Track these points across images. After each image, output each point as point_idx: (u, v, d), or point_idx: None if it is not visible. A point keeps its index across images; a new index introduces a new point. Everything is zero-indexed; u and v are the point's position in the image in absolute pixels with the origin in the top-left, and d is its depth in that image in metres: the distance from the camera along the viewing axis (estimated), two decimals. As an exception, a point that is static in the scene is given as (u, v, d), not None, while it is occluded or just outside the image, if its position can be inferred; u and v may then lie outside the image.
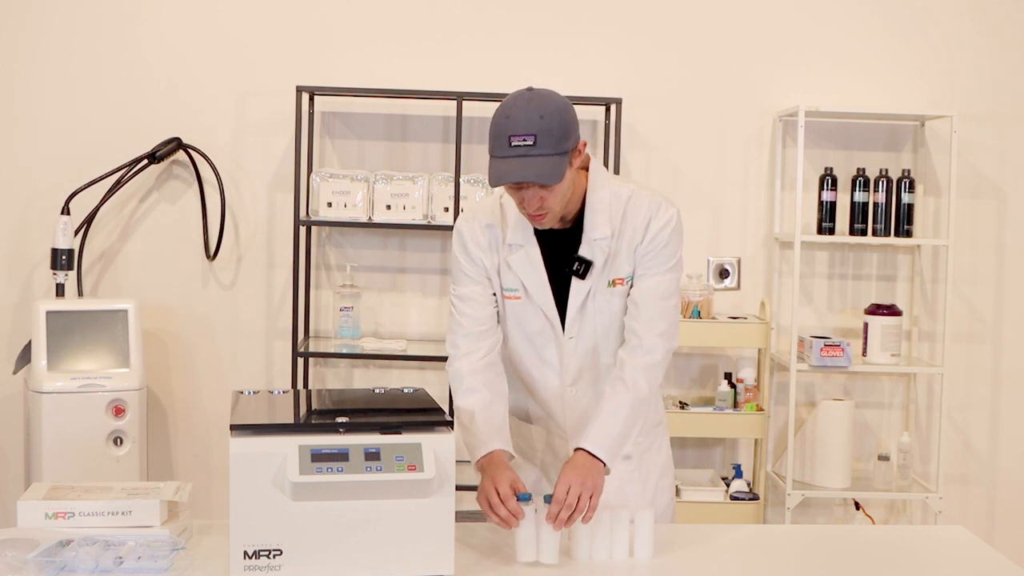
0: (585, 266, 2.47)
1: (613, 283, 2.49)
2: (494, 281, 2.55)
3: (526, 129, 2.28)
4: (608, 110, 4.17)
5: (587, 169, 2.50)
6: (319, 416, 2.30)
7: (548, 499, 2.28)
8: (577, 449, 2.37)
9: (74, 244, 4.08)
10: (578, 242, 2.48)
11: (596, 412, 2.43)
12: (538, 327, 2.53)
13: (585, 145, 2.40)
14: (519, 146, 2.28)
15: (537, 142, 2.28)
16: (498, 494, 2.27)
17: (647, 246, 2.47)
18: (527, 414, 2.66)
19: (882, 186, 4.23)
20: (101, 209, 4.19)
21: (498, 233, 2.53)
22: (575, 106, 2.42)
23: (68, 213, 4.06)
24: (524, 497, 2.27)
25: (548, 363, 2.55)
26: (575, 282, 2.49)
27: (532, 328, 2.54)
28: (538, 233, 2.49)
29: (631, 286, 2.49)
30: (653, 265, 2.48)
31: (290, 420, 2.24)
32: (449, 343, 2.57)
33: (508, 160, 2.30)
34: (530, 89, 2.36)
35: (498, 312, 2.57)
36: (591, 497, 2.28)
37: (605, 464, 2.36)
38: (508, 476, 2.30)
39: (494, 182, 2.32)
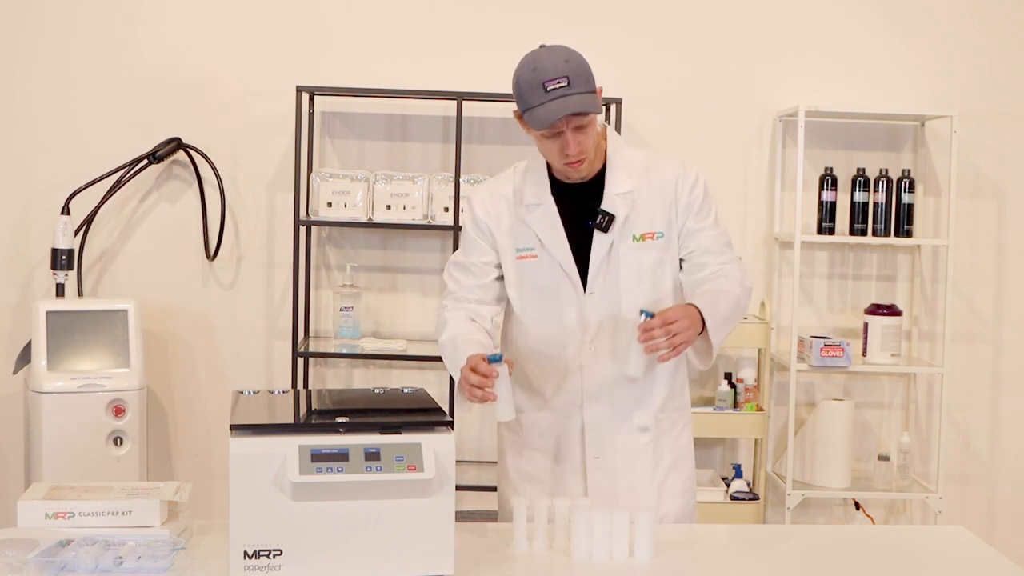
0: (608, 219, 2.53)
1: (642, 237, 2.56)
2: (503, 247, 2.60)
3: (557, 72, 2.40)
4: (608, 110, 4.17)
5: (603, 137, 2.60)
6: (319, 416, 2.30)
7: (646, 315, 2.34)
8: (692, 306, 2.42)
9: (74, 244, 4.08)
10: (595, 199, 2.55)
11: (712, 288, 2.49)
12: (556, 284, 2.57)
13: (602, 91, 2.50)
14: (555, 88, 2.40)
15: (571, 82, 2.39)
16: (471, 369, 2.36)
17: (686, 205, 2.57)
18: (537, 394, 2.65)
19: (882, 186, 4.23)
20: (101, 209, 4.19)
21: (510, 198, 2.61)
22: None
23: (68, 213, 4.06)
24: (495, 358, 2.35)
25: (567, 321, 2.58)
26: (597, 236, 2.55)
27: (549, 286, 2.57)
28: (554, 192, 2.57)
29: (680, 244, 2.57)
30: (699, 221, 2.58)
31: (290, 420, 2.24)
32: (440, 306, 2.67)
33: (549, 103, 2.40)
34: (542, 46, 2.48)
35: (500, 285, 2.63)
36: (682, 343, 2.35)
37: (706, 331, 2.42)
38: (478, 359, 2.36)
39: (541, 124, 2.41)
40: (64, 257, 4.03)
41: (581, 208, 2.57)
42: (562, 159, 2.49)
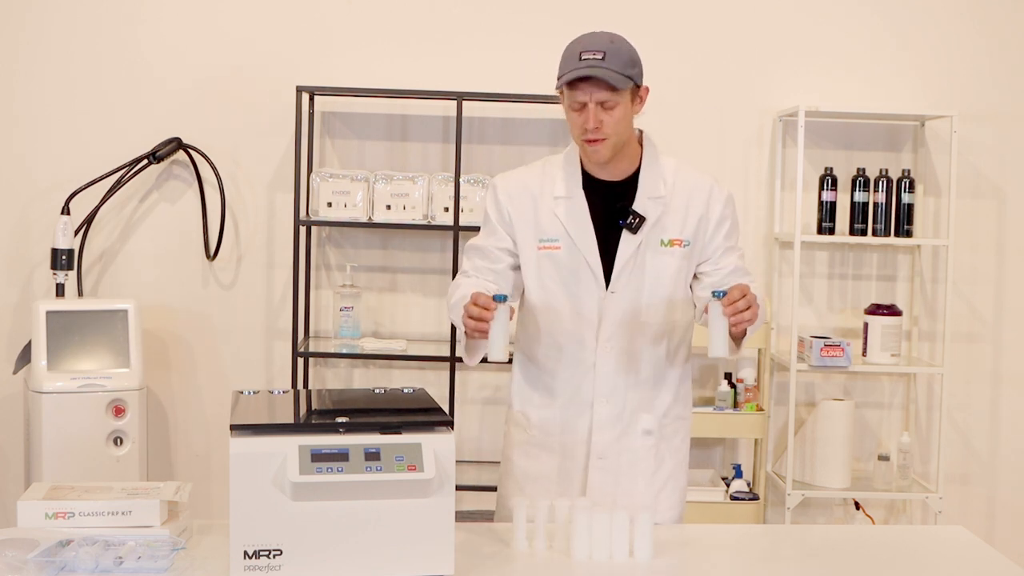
0: (639, 221, 2.55)
1: (670, 243, 2.58)
2: (523, 236, 2.60)
3: (597, 47, 2.46)
4: (608, 110, 4.17)
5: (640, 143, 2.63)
6: (319, 416, 2.30)
7: (719, 294, 2.39)
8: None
9: (74, 244, 4.08)
10: (626, 199, 2.56)
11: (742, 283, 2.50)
12: (577, 278, 2.57)
13: (648, 92, 2.54)
14: (589, 59, 2.44)
15: (606, 57, 2.44)
16: (474, 303, 2.36)
17: (718, 221, 2.61)
18: (546, 392, 2.65)
19: (882, 186, 4.23)
20: (101, 209, 4.19)
21: (535, 189, 2.61)
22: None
23: (68, 213, 4.06)
24: (500, 297, 2.36)
25: (585, 316, 2.58)
26: (625, 236, 2.56)
27: (571, 280, 2.58)
28: (586, 187, 2.58)
29: (702, 259, 2.60)
30: (727, 240, 2.63)
31: (290, 420, 2.24)
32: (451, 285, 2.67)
33: (577, 69, 2.43)
34: (602, 31, 2.53)
35: (516, 275, 2.63)
36: (754, 315, 2.43)
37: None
38: (479, 294, 2.37)
39: (561, 82, 2.45)
40: (64, 257, 4.02)
41: (609, 207, 2.57)
42: (581, 134, 2.50)
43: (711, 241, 2.62)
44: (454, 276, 3.97)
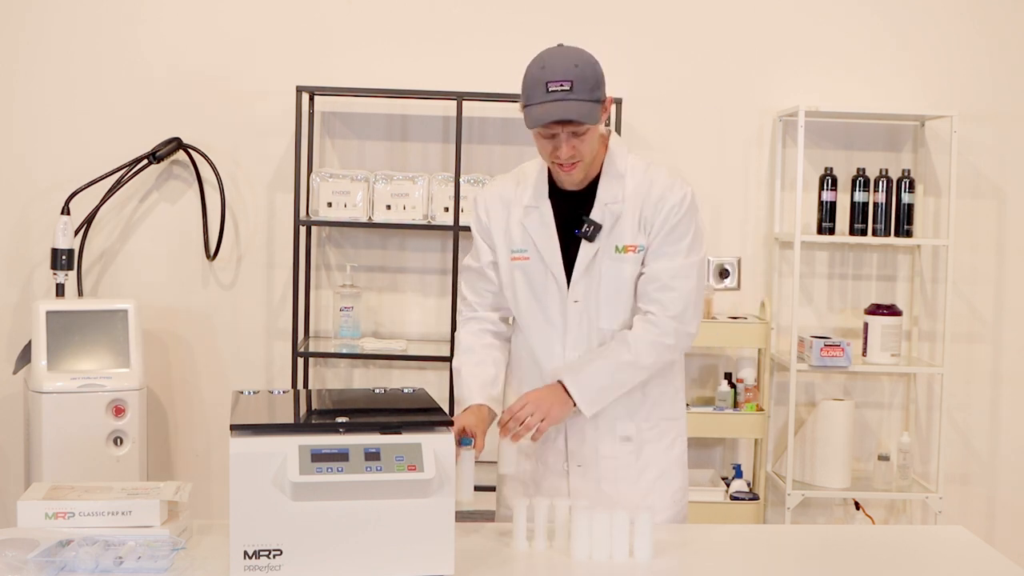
0: (594, 228, 2.54)
1: (624, 249, 2.55)
2: (500, 245, 2.62)
3: (563, 76, 2.39)
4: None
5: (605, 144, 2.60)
6: (319, 416, 2.30)
7: (466, 442, 2.41)
8: (559, 383, 2.50)
9: (74, 244, 4.08)
10: (587, 207, 2.55)
11: (591, 357, 2.53)
12: (546, 288, 2.58)
13: (611, 102, 2.51)
14: (556, 91, 2.39)
15: (574, 87, 2.39)
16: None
17: (660, 225, 2.54)
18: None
19: (882, 186, 4.23)
20: (101, 209, 4.19)
21: (509, 199, 2.62)
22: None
23: (68, 213, 4.06)
24: (466, 442, 2.40)
25: (553, 326, 2.59)
26: (583, 244, 2.55)
27: (540, 289, 2.59)
28: (552, 196, 2.58)
29: (643, 261, 2.56)
30: (664, 246, 2.55)
31: (290, 420, 2.24)
32: (459, 311, 2.74)
33: (546, 104, 2.39)
34: (560, 45, 2.48)
35: (502, 284, 2.64)
36: (542, 420, 2.44)
37: (578, 407, 2.50)
38: (465, 419, 2.45)
39: (532, 123, 2.42)
40: (64, 257, 4.02)
41: (576, 214, 2.57)
42: (553, 159, 2.49)
43: (651, 241, 2.55)
44: (454, 276, 4.01)
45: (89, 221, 4.17)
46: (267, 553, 2.05)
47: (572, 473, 2.61)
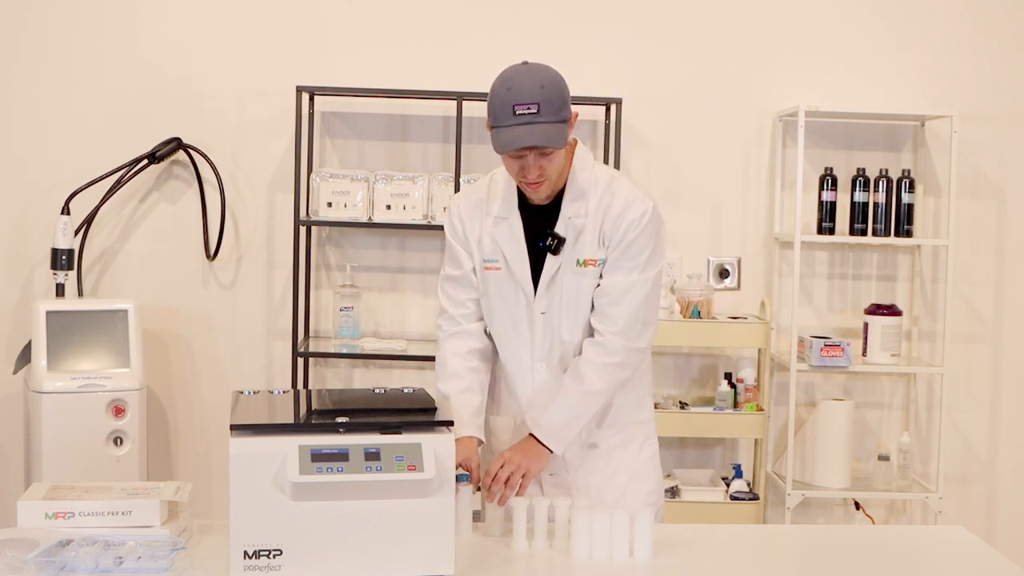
0: (558, 242, 2.54)
1: (585, 263, 2.55)
2: (475, 254, 2.63)
3: (530, 98, 2.37)
4: (608, 110, 4.17)
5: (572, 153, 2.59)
6: (319, 416, 2.30)
7: (463, 478, 2.42)
8: (529, 434, 2.53)
9: (74, 244, 4.08)
10: (555, 220, 2.55)
11: (548, 399, 2.54)
12: (514, 299, 2.60)
13: (576, 117, 2.49)
14: (524, 114, 2.38)
15: (540, 110, 2.37)
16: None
17: (617, 240, 2.53)
18: (498, 401, 2.69)
19: (882, 186, 4.23)
20: (101, 209, 4.19)
21: (484, 206, 2.62)
22: (574, 106, 2.49)
23: (68, 213, 4.06)
24: (463, 477, 2.41)
25: (521, 336, 2.61)
26: (548, 257, 2.56)
27: (509, 299, 2.60)
28: (521, 208, 2.58)
29: (601, 274, 2.57)
30: (621, 260, 2.54)
31: (290, 420, 2.24)
32: (436, 326, 2.71)
33: (514, 128, 2.38)
34: (525, 63, 2.46)
35: (478, 292, 2.65)
36: (523, 476, 2.46)
37: (552, 451, 2.52)
38: (460, 454, 2.42)
39: (502, 148, 2.41)
40: (64, 257, 4.02)
41: (543, 227, 2.57)
42: (520, 177, 2.49)
43: (610, 254, 2.54)
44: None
45: (89, 221, 4.17)
46: (267, 553, 2.05)
47: (545, 482, 2.63)
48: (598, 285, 2.56)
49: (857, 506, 4.37)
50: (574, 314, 2.57)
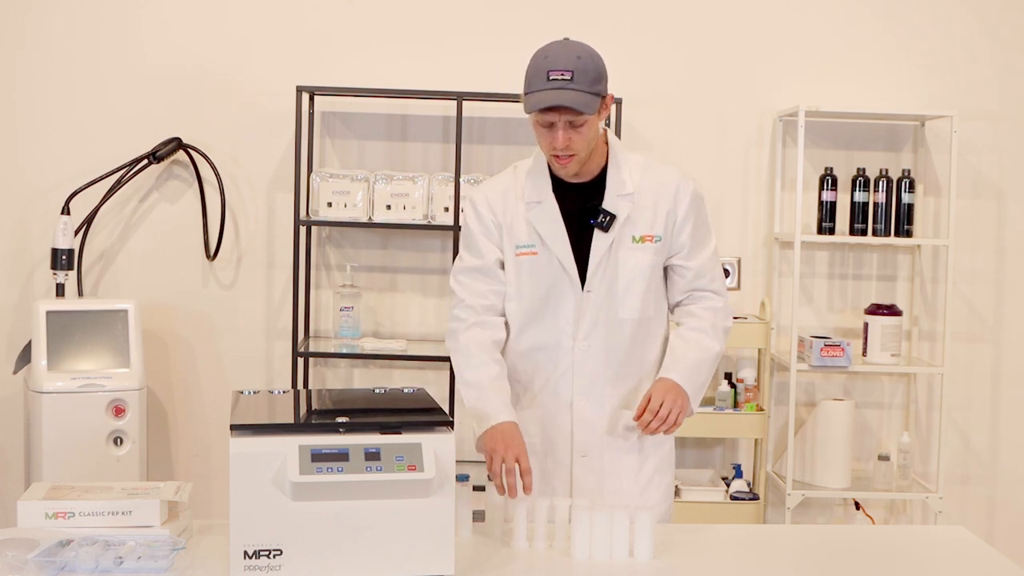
0: (609, 219, 2.57)
1: (641, 239, 2.59)
2: (505, 243, 2.62)
3: (564, 65, 2.43)
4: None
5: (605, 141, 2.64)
6: (319, 416, 2.30)
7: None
8: (661, 378, 2.54)
9: (74, 244, 4.08)
10: (596, 199, 2.58)
11: (682, 352, 2.58)
12: (553, 281, 2.59)
13: (612, 100, 2.54)
14: (557, 79, 2.43)
15: (574, 77, 2.43)
16: (504, 461, 2.39)
17: (684, 217, 2.62)
18: (530, 392, 2.65)
19: (882, 186, 4.23)
20: (101, 209, 4.19)
21: (511, 196, 2.63)
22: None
23: (68, 213, 4.06)
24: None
25: (562, 318, 2.60)
26: (597, 235, 2.58)
27: (547, 283, 2.59)
28: (555, 190, 2.60)
29: (673, 255, 2.64)
30: (696, 236, 2.64)
31: (290, 420, 2.24)
32: (451, 317, 2.64)
33: (545, 91, 2.43)
34: (567, 39, 2.52)
35: (503, 285, 2.63)
36: (679, 414, 2.49)
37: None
38: (522, 450, 2.40)
39: (530, 108, 2.45)
40: (64, 257, 4.02)
41: (581, 207, 2.59)
42: (550, 150, 2.52)
43: (678, 236, 2.64)
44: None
45: (89, 221, 4.17)
46: (267, 553, 2.05)
47: (576, 464, 2.62)
48: (674, 266, 2.64)
49: (857, 506, 4.37)
50: (632, 291, 2.59)
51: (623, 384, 2.63)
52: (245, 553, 2.04)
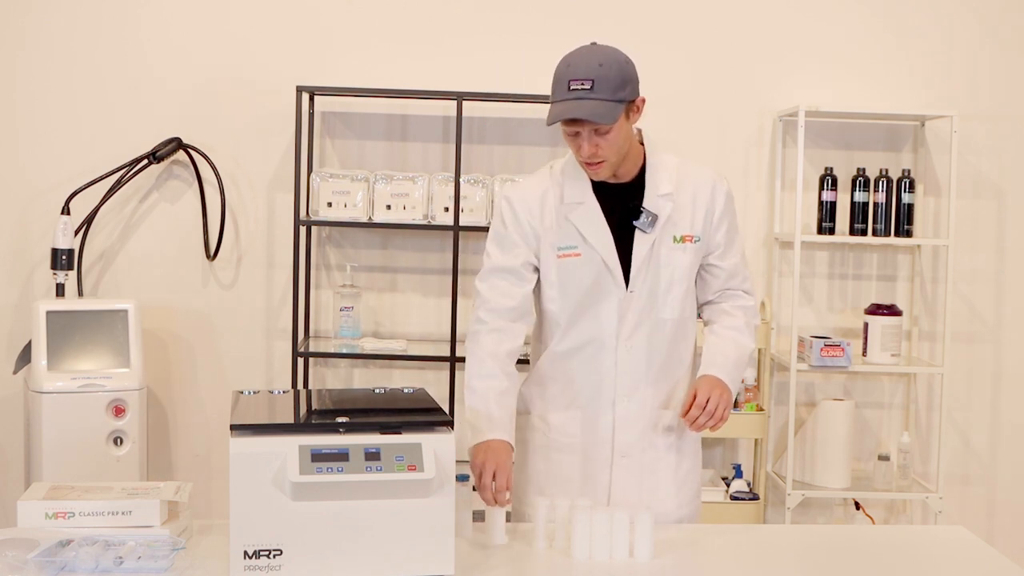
0: (652, 219, 2.57)
1: (682, 239, 2.61)
2: (543, 245, 2.60)
3: (585, 74, 2.41)
4: (608, 110, 4.16)
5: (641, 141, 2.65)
6: (319, 416, 2.30)
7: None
8: (704, 375, 2.58)
9: (74, 244, 4.08)
10: (636, 199, 2.58)
11: (721, 349, 2.62)
12: (596, 282, 2.58)
13: (644, 102, 2.53)
14: (577, 89, 2.41)
15: (595, 87, 2.41)
16: (482, 477, 2.44)
17: (720, 217, 2.65)
18: (570, 393, 2.64)
19: (882, 186, 4.23)
20: (101, 209, 4.19)
21: (550, 197, 2.62)
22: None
23: (68, 213, 4.06)
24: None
25: (605, 319, 2.59)
26: (639, 235, 2.58)
27: (590, 284, 2.58)
28: (596, 190, 2.59)
29: (710, 256, 2.67)
30: (729, 236, 2.68)
31: (290, 420, 2.24)
32: (474, 318, 2.63)
33: (566, 102, 2.42)
34: (594, 43, 2.50)
35: (536, 285, 2.63)
36: (725, 409, 2.51)
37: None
38: (504, 469, 2.43)
39: (550, 120, 2.45)
40: (64, 257, 4.02)
41: (621, 207, 2.59)
42: (578, 157, 2.53)
43: (715, 235, 2.66)
44: (454, 276, 4.01)
45: (89, 221, 4.17)
46: (267, 553, 2.05)
47: (616, 465, 2.62)
48: (711, 266, 2.67)
49: (857, 506, 4.37)
50: (672, 292, 2.60)
51: (663, 385, 2.64)
52: (245, 553, 2.04)
